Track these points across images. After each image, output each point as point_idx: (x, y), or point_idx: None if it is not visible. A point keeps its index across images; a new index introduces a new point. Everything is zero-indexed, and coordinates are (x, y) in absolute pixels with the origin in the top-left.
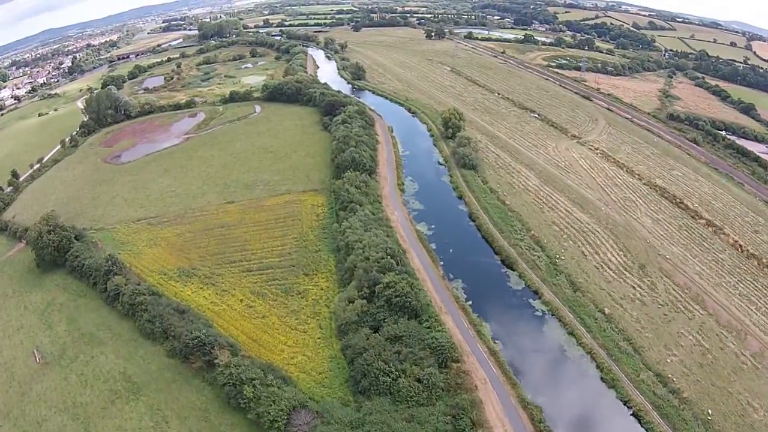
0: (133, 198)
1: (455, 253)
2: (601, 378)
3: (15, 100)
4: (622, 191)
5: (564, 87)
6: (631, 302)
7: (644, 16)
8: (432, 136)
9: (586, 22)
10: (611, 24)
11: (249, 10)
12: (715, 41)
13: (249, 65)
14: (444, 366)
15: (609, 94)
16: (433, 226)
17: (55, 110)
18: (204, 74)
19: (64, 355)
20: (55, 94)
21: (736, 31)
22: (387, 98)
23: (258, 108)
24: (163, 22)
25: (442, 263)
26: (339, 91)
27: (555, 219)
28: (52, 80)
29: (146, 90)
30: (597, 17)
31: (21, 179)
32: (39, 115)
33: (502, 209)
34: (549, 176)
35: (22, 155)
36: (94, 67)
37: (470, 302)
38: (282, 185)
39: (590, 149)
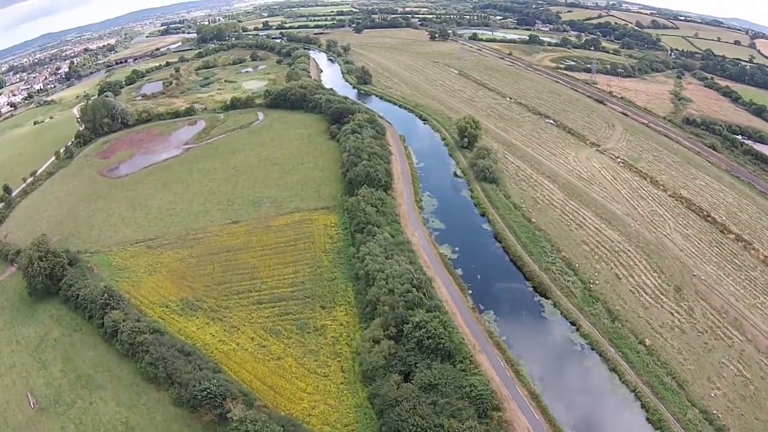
0: (130, 216)
1: (483, 280)
2: (647, 419)
3: (11, 107)
4: (649, 204)
5: (576, 90)
6: (671, 330)
7: (646, 14)
8: (447, 145)
9: (589, 21)
10: (615, 23)
11: (248, 13)
12: (719, 40)
13: (250, 69)
14: (484, 416)
15: (622, 98)
16: (457, 249)
17: (51, 118)
18: (203, 79)
19: (60, 400)
20: (51, 100)
21: (738, 29)
22: (395, 104)
23: (261, 115)
24: (161, 26)
25: (470, 291)
26: (346, 97)
27: (584, 238)
28: (49, 86)
29: (144, 96)
30: (600, 16)
31: (14, 194)
32: (34, 123)
33: (528, 228)
34: (573, 189)
35: (15, 167)
36: (92, 72)
37: (504, 337)
38: (290, 202)
39: (611, 158)
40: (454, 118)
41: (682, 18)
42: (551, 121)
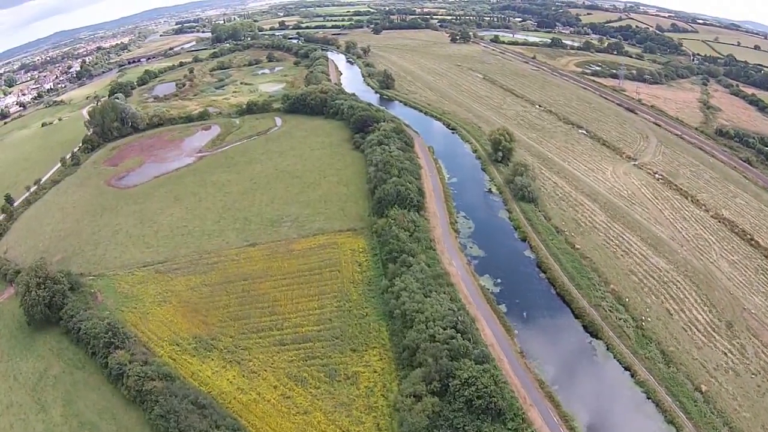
0: (138, 234)
1: (529, 317)
2: None
3: (20, 107)
4: (693, 227)
5: (605, 97)
6: (725, 373)
7: (664, 17)
8: (479, 158)
9: (610, 24)
10: (636, 27)
11: (263, 12)
12: (739, 44)
13: (266, 71)
14: None
15: (652, 106)
16: (498, 281)
17: (60, 119)
18: (218, 81)
19: None
20: (61, 101)
21: (756, 33)
22: (420, 110)
23: (278, 121)
24: (175, 24)
25: (516, 332)
26: (369, 104)
27: (632, 267)
28: (59, 86)
29: (156, 98)
30: (620, 19)
31: (16, 204)
32: (42, 125)
33: (573, 256)
34: (614, 209)
35: (19, 173)
36: (104, 72)
37: (556, 386)
38: (313, 222)
39: (649, 173)
40: (485, 128)
41: (701, 21)
42: (584, 132)
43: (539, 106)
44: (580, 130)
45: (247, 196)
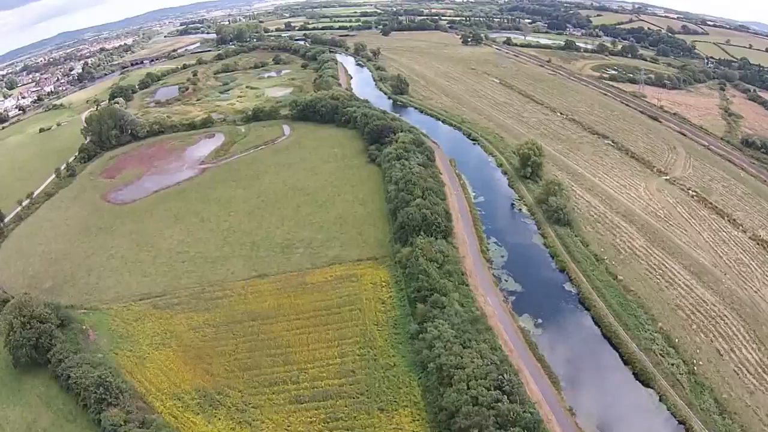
0: (135, 259)
1: (575, 364)
2: None
3: (20, 110)
4: (733, 251)
5: (627, 105)
6: None
7: (673, 18)
8: (505, 173)
9: (621, 26)
10: (649, 29)
11: (269, 13)
12: (750, 47)
13: (273, 74)
14: None
15: (675, 114)
16: (539, 321)
17: (58, 125)
18: (223, 84)
19: None
20: (61, 104)
21: (767, 35)
22: (437, 118)
23: (287, 129)
24: (180, 25)
25: (563, 384)
26: (384, 112)
27: (678, 300)
28: (60, 88)
29: (157, 103)
30: (631, 21)
31: (7, 219)
32: (40, 131)
33: (617, 289)
34: (653, 232)
35: (13, 184)
36: (106, 74)
37: None
38: (328, 248)
39: (682, 189)
40: (508, 139)
41: (710, 23)
42: (610, 143)
43: (560, 113)
44: (606, 141)
45: (254, 217)
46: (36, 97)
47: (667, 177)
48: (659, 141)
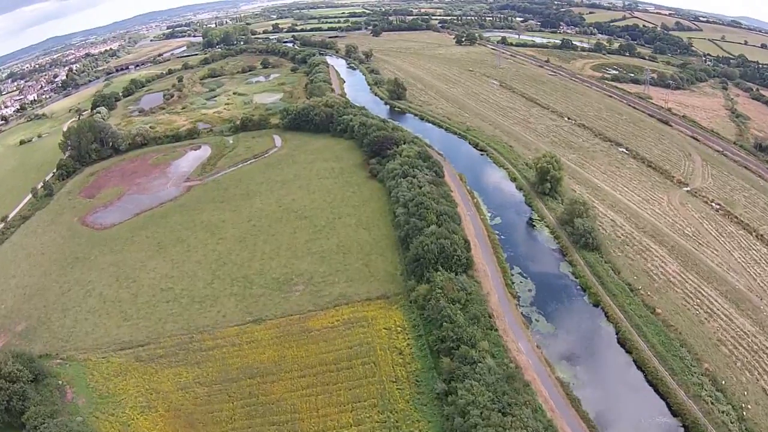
0: (114, 298)
1: (624, 422)
2: None
3: (2, 120)
4: (766, 271)
5: (634, 107)
6: None
7: (665, 15)
8: (520, 189)
9: (615, 23)
10: (644, 26)
11: (256, 15)
12: (746, 43)
13: (261, 78)
14: None
15: (684, 116)
16: (578, 368)
17: (39, 137)
18: (209, 90)
19: None
20: (43, 114)
21: (760, 31)
22: (440, 126)
23: (278, 140)
24: (167, 28)
25: None
26: (384, 120)
27: (719, 334)
28: (44, 96)
29: (141, 112)
30: (625, 18)
31: None
32: (20, 143)
33: (657, 325)
34: (684, 254)
35: None
36: (90, 81)
37: None
38: (332, 284)
39: (705, 202)
40: (518, 149)
41: (703, 19)
42: (624, 150)
43: (569, 118)
44: (620, 149)
45: (245, 245)
46: (19, 106)
47: (688, 188)
48: (673, 147)
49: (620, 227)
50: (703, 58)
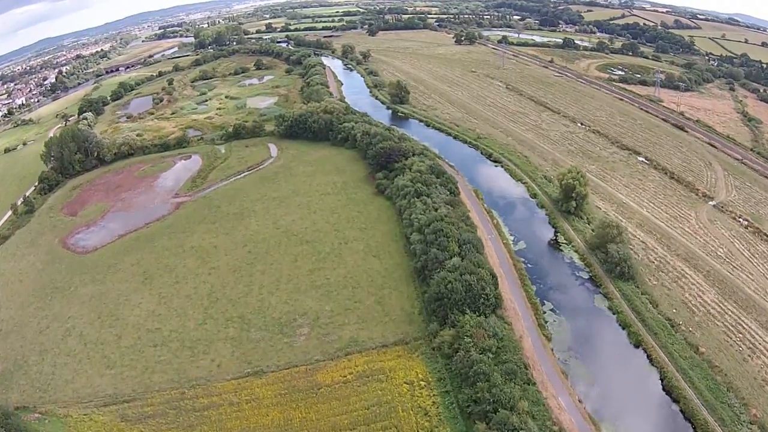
0: (96, 339)
1: None
2: None
3: None
4: None
5: (647, 111)
6: None
7: (662, 12)
8: (542, 207)
9: (614, 22)
10: (644, 24)
11: (249, 15)
12: (746, 41)
13: (254, 80)
14: None
15: (698, 121)
16: (624, 425)
17: (24, 144)
18: (200, 94)
19: None
20: (30, 119)
21: (758, 29)
22: (448, 133)
23: (273, 150)
24: (159, 29)
25: None
26: (389, 128)
27: (763, 372)
28: (32, 100)
29: (129, 117)
30: (623, 16)
31: None
32: (5, 151)
33: (703, 369)
34: (720, 280)
35: None
36: (80, 83)
37: None
38: (341, 326)
39: (733, 218)
40: (534, 159)
41: (701, 17)
42: (644, 160)
43: (582, 124)
44: (639, 158)
45: (240, 276)
46: (6, 111)
47: (714, 202)
48: (693, 156)
49: (652, 250)
50: (706, 58)
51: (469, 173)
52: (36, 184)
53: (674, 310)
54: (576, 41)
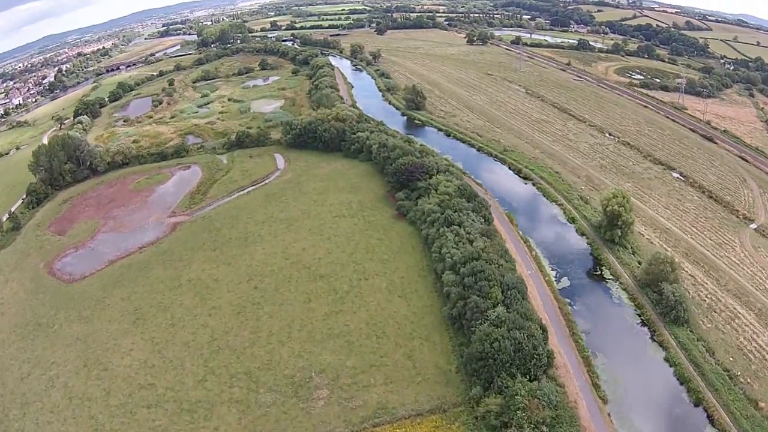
0: (81, 394)
1: None
2: None
3: None
4: None
5: (674, 120)
6: None
7: (671, 13)
8: (582, 234)
9: (626, 23)
10: (657, 26)
11: (253, 12)
12: (758, 44)
13: (259, 81)
14: None
15: (725, 131)
16: None
17: (17, 148)
18: (202, 96)
19: None
20: (25, 121)
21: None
22: (471, 144)
23: (280, 161)
24: (162, 26)
25: None
26: (410, 140)
27: None
28: (29, 100)
29: (126, 121)
30: (635, 17)
31: None
32: None
33: (762, 426)
34: None
35: None
36: (79, 82)
37: None
38: (366, 388)
39: None
40: (567, 176)
41: (711, 18)
42: (679, 176)
43: (610, 134)
44: (674, 174)
45: (245, 319)
46: (2, 111)
47: (755, 225)
48: (726, 171)
49: (702, 285)
50: (721, 61)
51: (498, 192)
52: (23, 197)
53: (731, 359)
54: (590, 42)
